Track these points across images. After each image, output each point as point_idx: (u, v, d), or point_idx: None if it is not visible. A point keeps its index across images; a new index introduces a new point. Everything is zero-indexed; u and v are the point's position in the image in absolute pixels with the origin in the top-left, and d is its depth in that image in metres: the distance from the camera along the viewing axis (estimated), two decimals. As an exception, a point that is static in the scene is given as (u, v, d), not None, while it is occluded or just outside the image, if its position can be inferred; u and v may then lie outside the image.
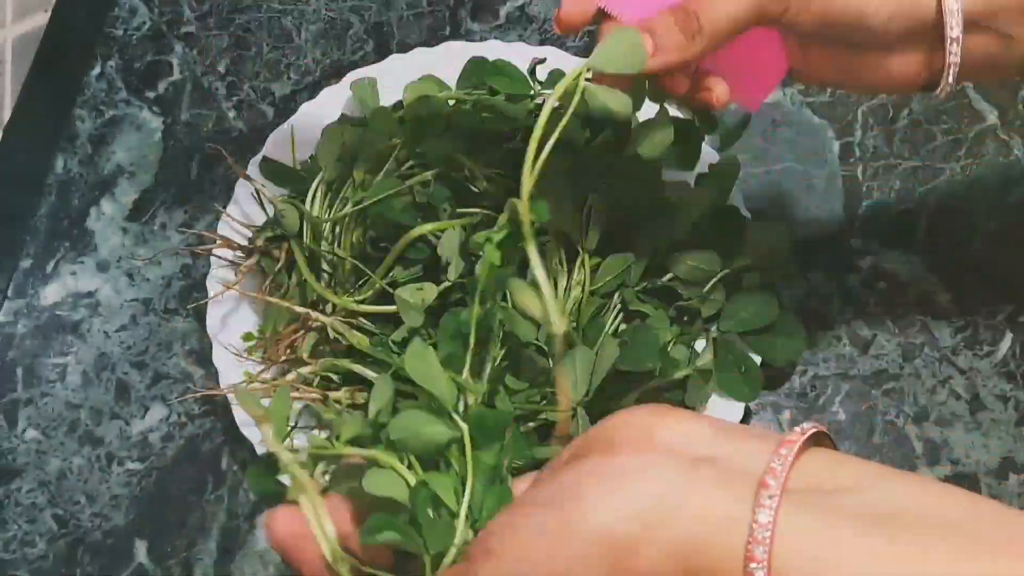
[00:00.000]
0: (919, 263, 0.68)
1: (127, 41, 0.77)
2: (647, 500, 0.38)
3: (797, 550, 0.36)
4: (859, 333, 0.66)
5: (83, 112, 0.75)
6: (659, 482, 0.39)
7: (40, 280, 0.70)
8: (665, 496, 0.38)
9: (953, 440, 0.64)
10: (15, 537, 0.64)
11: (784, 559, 0.36)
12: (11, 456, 0.66)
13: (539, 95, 0.64)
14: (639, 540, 0.38)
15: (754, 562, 0.36)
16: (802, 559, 0.36)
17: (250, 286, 0.64)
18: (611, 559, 0.38)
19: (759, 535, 0.36)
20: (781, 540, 0.36)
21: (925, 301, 0.67)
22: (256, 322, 0.64)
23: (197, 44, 0.77)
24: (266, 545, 0.63)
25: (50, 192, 0.73)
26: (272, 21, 0.77)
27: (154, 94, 0.75)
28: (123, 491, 0.65)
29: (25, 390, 0.68)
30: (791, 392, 0.65)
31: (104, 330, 0.69)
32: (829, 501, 0.37)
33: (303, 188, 0.63)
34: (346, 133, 0.64)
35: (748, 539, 0.36)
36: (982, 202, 0.69)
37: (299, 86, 0.75)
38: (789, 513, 0.37)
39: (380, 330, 0.61)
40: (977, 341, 0.66)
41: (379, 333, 0.60)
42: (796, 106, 0.73)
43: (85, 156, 0.74)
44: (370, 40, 0.76)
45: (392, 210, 0.60)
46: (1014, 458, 0.63)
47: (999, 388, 0.65)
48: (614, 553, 0.38)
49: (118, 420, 0.66)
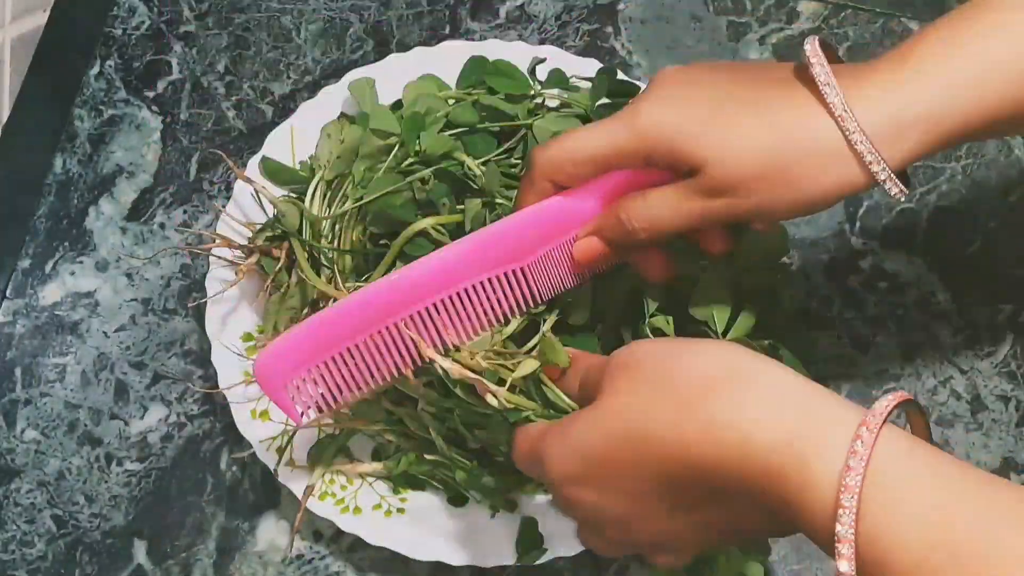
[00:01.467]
0: (920, 263, 0.68)
1: (126, 40, 0.77)
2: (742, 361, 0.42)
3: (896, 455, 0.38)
4: (860, 333, 0.66)
5: (82, 112, 0.75)
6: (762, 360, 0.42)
7: (39, 280, 0.70)
8: (762, 367, 0.42)
9: (954, 440, 0.64)
10: (14, 537, 0.64)
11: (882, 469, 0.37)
12: (10, 456, 0.66)
13: (539, 95, 0.64)
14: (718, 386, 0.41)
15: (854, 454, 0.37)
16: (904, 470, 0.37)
17: (249, 286, 0.64)
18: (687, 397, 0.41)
19: (866, 437, 0.37)
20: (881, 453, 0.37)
21: (926, 301, 0.67)
22: (256, 322, 0.64)
23: (196, 43, 0.76)
24: (265, 546, 0.63)
25: (49, 192, 0.72)
26: (271, 20, 0.77)
27: (153, 94, 0.75)
28: (122, 491, 0.65)
29: (24, 390, 0.67)
30: (791, 392, 0.65)
31: (103, 330, 0.69)
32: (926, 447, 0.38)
33: (303, 187, 0.63)
34: (345, 131, 0.64)
35: (856, 434, 0.38)
36: (983, 202, 0.69)
37: (298, 86, 0.75)
38: (890, 434, 0.38)
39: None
40: (978, 341, 0.66)
41: None
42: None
43: (84, 156, 0.74)
44: (369, 39, 0.76)
45: (392, 206, 0.60)
46: (1015, 458, 0.63)
47: (1000, 388, 0.65)
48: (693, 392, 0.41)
49: (117, 420, 0.66)
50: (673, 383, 0.42)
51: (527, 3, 0.76)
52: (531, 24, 0.76)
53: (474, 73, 0.65)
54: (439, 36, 0.76)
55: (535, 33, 0.75)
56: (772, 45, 0.74)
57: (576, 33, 0.75)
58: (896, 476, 0.37)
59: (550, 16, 0.76)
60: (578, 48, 0.74)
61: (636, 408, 0.42)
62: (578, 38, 0.75)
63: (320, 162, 0.64)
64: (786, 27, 0.74)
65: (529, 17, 0.76)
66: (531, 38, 0.75)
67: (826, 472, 0.37)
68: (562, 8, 0.76)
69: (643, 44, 0.75)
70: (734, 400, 0.40)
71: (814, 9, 0.75)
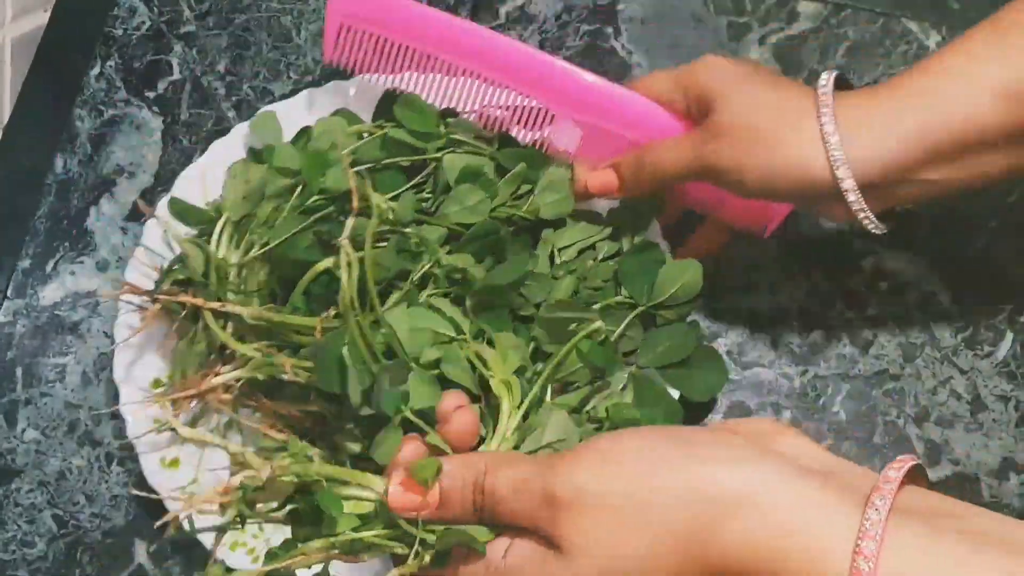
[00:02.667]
0: (921, 263, 0.68)
1: (127, 41, 0.77)
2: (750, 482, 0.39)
3: (907, 554, 0.37)
4: (860, 333, 0.66)
5: (82, 112, 0.75)
6: (765, 472, 0.40)
7: (39, 280, 0.70)
8: (768, 486, 0.39)
9: (954, 440, 0.64)
10: (14, 538, 0.64)
11: (894, 561, 0.36)
12: (10, 456, 0.66)
13: (449, 133, 0.63)
14: (724, 516, 0.39)
15: (862, 556, 0.36)
16: (913, 562, 0.36)
17: (158, 331, 0.62)
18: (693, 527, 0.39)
19: (871, 530, 0.37)
20: (891, 541, 0.37)
21: (926, 301, 0.67)
22: (164, 369, 0.63)
23: (197, 44, 0.76)
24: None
25: (49, 192, 0.72)
26: (271, 20, 0.77)
27: (154, 94, 0.75)
28: (122, 491, 0.65)
29: (24, 390, 0.67)
30: (792, 392, 0.65)
31: (103, 330, 0.69)
32: (935, 520, 0.38)
33: (211, 228, 0.62)
34: (251, 171, 0.63)
35: (858, 535, 0.37)
36: (984, 202, 0.69)
37: (299, 86, 0.75)
38: (898, 521, 0.37)
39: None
40: (978, 341, 0.66)
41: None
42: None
43: (85, 156, 0.74)
44: (370, 40, 0.76)
45: (296, 249, 0.59)
46: (1015, 458, 0.63)
47: (1000, 388, 0.65)
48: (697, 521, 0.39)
49: (118, 420, 0.66)
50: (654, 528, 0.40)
51: (527, 4, 0.76)
52: (531, 25, 0.76)
53: (385, 107, 0.65)
54: (439, 36, 0.76)
55: (535, 34, 0.75)
56: (772, 45, 0.74)
57: (576, 33, 0.75)
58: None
59: (550, 16, 0.76)
60: (578, 48, 0.74)
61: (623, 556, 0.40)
62: (578, 38, 0.75)
63: (226, 203, 0.63)
64: (786, 27, 0.74)
65: (529, 17, 0.76)
66: (531, 39, 0.75)
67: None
68: (562, 8, 0.76)
69: (643, 44, 0.75)
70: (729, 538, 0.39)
71: (814, 9, 0.75)
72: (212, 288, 0.59)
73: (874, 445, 0.64)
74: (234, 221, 0.62)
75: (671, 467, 0.40)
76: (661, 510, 0.40)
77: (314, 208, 0.61)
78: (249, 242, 0.61)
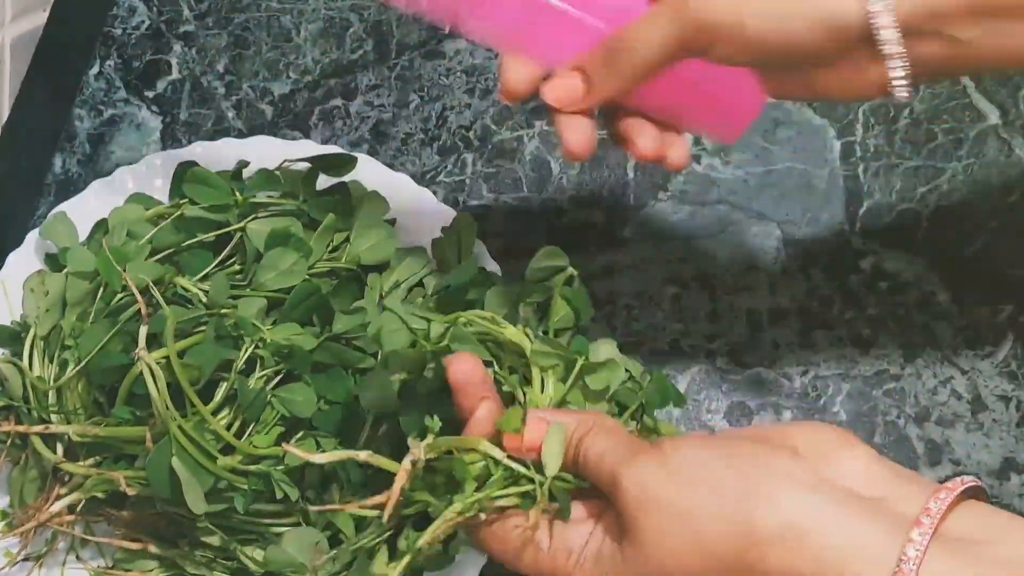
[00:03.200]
0: (920, 263, 0.68)
1: (126, 40, 0.77)
2: (798, 513, 0.40)
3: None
4: (860, 333, 0.66)
5: (82, 111, 0.75)
6: (813, 505, 0.40)
7: (39, 280, 0.70)
8: (814, 518, 0.40)
9: (954, 440, 0.64)
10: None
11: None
12: (10, 457, 0.66)
13: (246, 200, 0.62)
14: (769, 545, 0.40)
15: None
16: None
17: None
18: (741, 556, 0.41)
19: (906, 568, 0.38)
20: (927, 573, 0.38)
21: (926, 301, 0.67)
22: (4, 499, 0.59)
23: (196, 43, 0.76)
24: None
25: (49, 192, 0.72)
26: (271, 20, 0.77)
27: (153, 93, 0.75)
28: (122, 492, 0.65)
29: (24, 390, 0.67)
30: (792, 392, 0.65)
31: None
32: (975, 549, 0.38)
33: (21, 347, 0.59)
34: (48, 281, 0.61)
35: (895, 570, 0.38)
36: (984, 202, 0.69)
37: (298, 85, 0.75)
38: (936, 554, 0.38)
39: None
40: (978, 341, 0.66)
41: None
42: (797, 106, 0.73)
43: (84, 156, 0.73)
44: (369, 39, 0.76)
45: (109, 356, 0.56)
46: (1015, 458, 0.63)
47: (1000, 388, 0.65)
48: (747, 554, 0.41)
49: (117, 420, 0.66)
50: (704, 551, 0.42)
51: (527, 3, 0.76)
52: (531, 24, 0.75)
53: (178, 185, 0.63)
54: (438, 36, 0.76)
55: (535, 33, 0.75)
56: (772, 45, 0.74)
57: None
58: None
59: (550, 16, 0.76)
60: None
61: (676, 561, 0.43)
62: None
63: (29, 319, 0.60)
64: (786, 27, 0.74)
65: (529, 17, 0.76)
66: (531, 38, 0.75)
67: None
68: (562, 8, 0.76)
69: None
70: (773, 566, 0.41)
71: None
72: (34, 410, 0.57)
73: (875, 445, 0.63)
74: (42, 336, 0.59)
75: (722, 496, 0.42)
76: (714, 537, 0.41)
77: (120, 308, 0.58)
78: (62, 358, 0.58)
